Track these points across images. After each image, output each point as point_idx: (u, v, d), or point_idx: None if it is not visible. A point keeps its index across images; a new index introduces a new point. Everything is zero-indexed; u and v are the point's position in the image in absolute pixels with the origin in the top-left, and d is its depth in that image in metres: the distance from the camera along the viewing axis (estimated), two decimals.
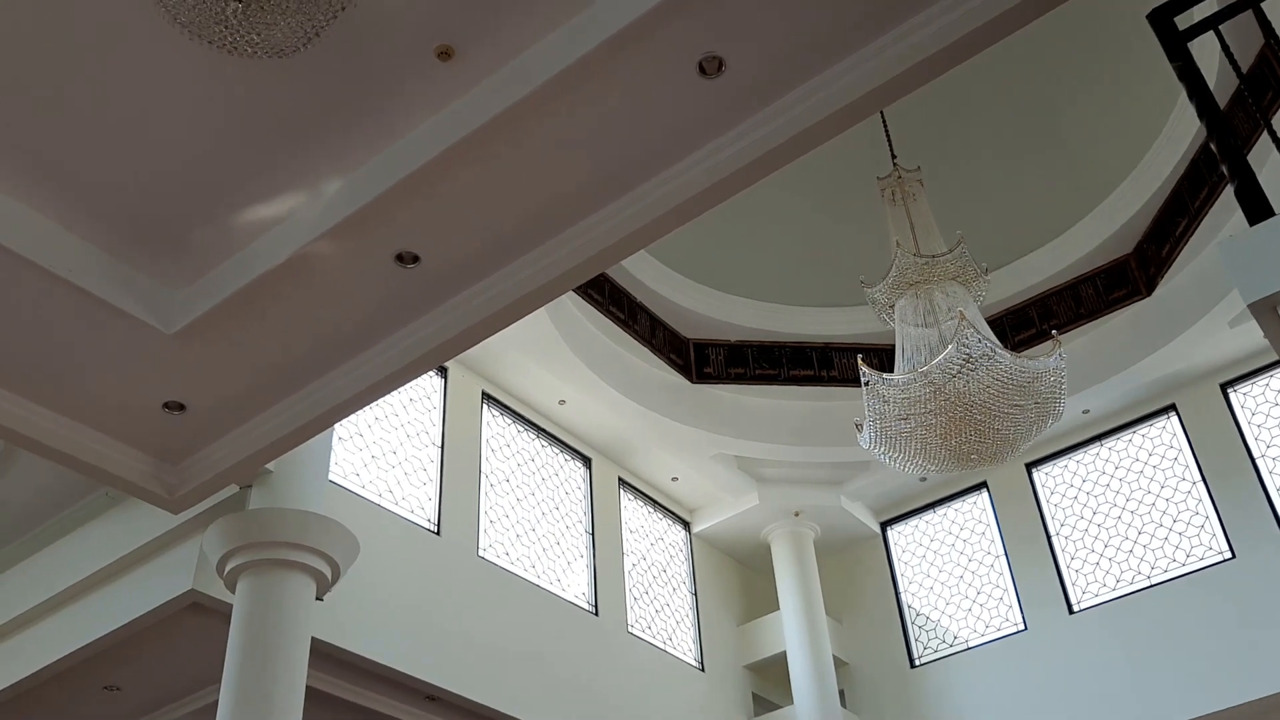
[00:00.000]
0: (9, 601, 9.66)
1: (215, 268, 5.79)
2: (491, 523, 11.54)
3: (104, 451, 6.67)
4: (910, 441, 9.06)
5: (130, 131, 5.12)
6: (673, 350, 13.71)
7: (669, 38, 4.76)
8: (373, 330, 6.18)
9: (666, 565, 14.21)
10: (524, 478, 12.41)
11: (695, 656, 13.72)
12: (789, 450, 13.98)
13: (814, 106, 5.05)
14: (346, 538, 8.22)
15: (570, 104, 5.01)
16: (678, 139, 5.26)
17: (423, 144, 5.20)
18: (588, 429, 13.25)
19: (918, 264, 9.51)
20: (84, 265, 5.54)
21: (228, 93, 5.02)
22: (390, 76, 5.02)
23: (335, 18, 3.94)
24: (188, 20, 3.90)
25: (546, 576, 11.90)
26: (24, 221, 5.32)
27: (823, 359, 14.22)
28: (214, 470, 6.90)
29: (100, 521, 9.30)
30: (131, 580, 8.87)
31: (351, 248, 5.60)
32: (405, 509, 10.51)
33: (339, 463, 9.90)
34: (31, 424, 6.34)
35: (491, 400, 12.34)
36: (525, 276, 5.85)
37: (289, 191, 5.49)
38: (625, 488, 13.97)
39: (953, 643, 14.06)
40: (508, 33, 4.86)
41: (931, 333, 9.27)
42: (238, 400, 6.53)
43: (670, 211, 5.45)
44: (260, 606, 7.71)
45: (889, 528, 15.34)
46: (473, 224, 5.60)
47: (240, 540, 7.84)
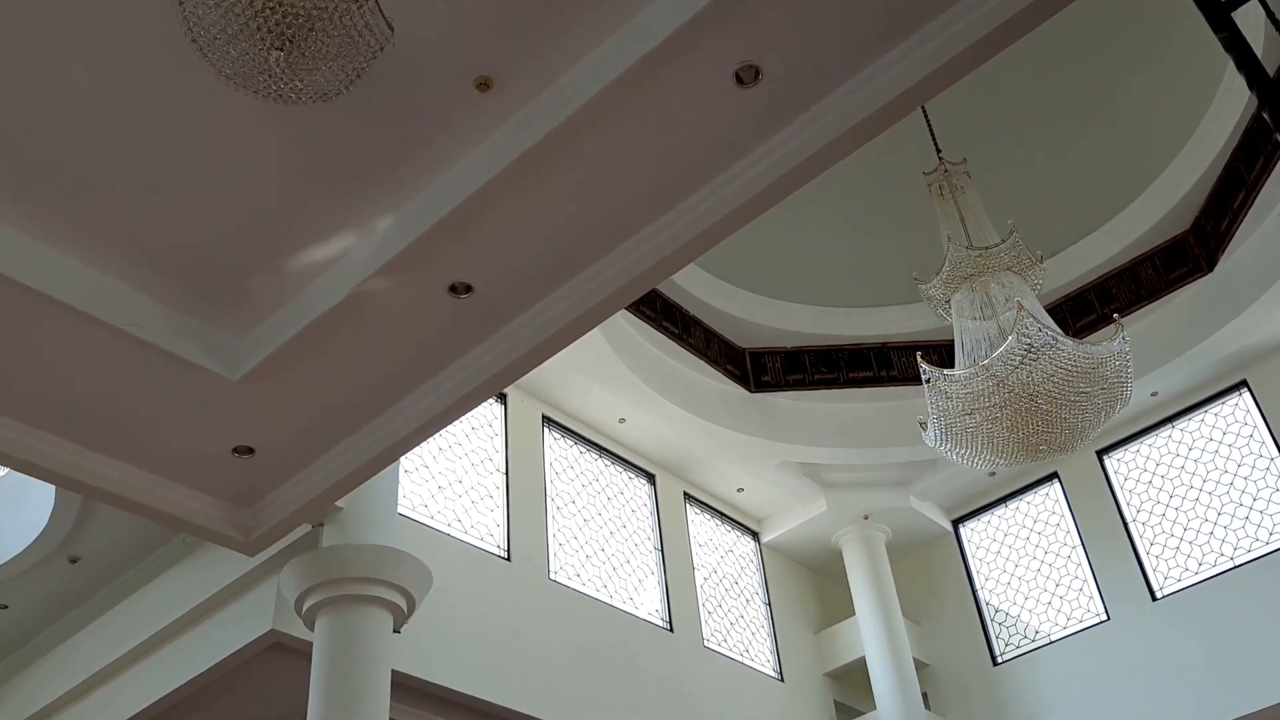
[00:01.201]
0: (97, 652, 9.87)
1: (275, 312, 5.89)
2: (560, 545, 11.57)
3: (179, 500, 6.79)
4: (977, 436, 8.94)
5: (184, 187, 5.23)
6: (729, 361, 13.69)
7: (704, 51, 4.78)
8: (431, 362, 6.25)
9: (738, 577, 14.16)
10: (589, 498, 12.44)
11: (774, 667, 13.64)
12: (854, 453, 13.88)
13: (853, 108, 5.03)
14: (419, 569, 8.29)
15: (610, 124, 5.04)
16: (720, 150, 5.27)
17: (468, 175, 5.26)
18: (649, 445, 13.25)
19: (971, 257, 9.40)
20: (150, 320, 5.67)
21: (275, 141, 5.12)
22: (432, 111, 5.09)
23: (375, 58, 4.00)
24: (232, 72, 3.98)
25: (619, 596, 11.91)
26: (90, 282, 5.46)
27: (881, 359, 14.11)
28: (286, 511, 7.00)
29: (179, 569, 9.47)
30: (213, 624, 9.02)
31: (406, 282, 5.67)
32: (475, 537, 10.58)
33: (407, 495, 10.00)
34: (108, 478, 6.48)
35: (552, 423, 12.39)
36: (578, 298, 5.88)
37: (342, 232, 5.58)
38: (691, 502, 13.95)
39: (1034, 638, 13.84)
40: (545, 59, 4.91)
41: (990, 325, 9.16)
42: (305, 440, 6.63)
43: (717, 223, 5.45)
44: (340, 642, 7.80)
45: (961, 525, 15.15)
46: (523, 250, 5.65)
47: (316, 578, 7.94)
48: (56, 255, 5.37)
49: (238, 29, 3.80)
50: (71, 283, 5.38)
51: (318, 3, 3.77)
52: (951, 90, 5.30)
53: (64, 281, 5.35)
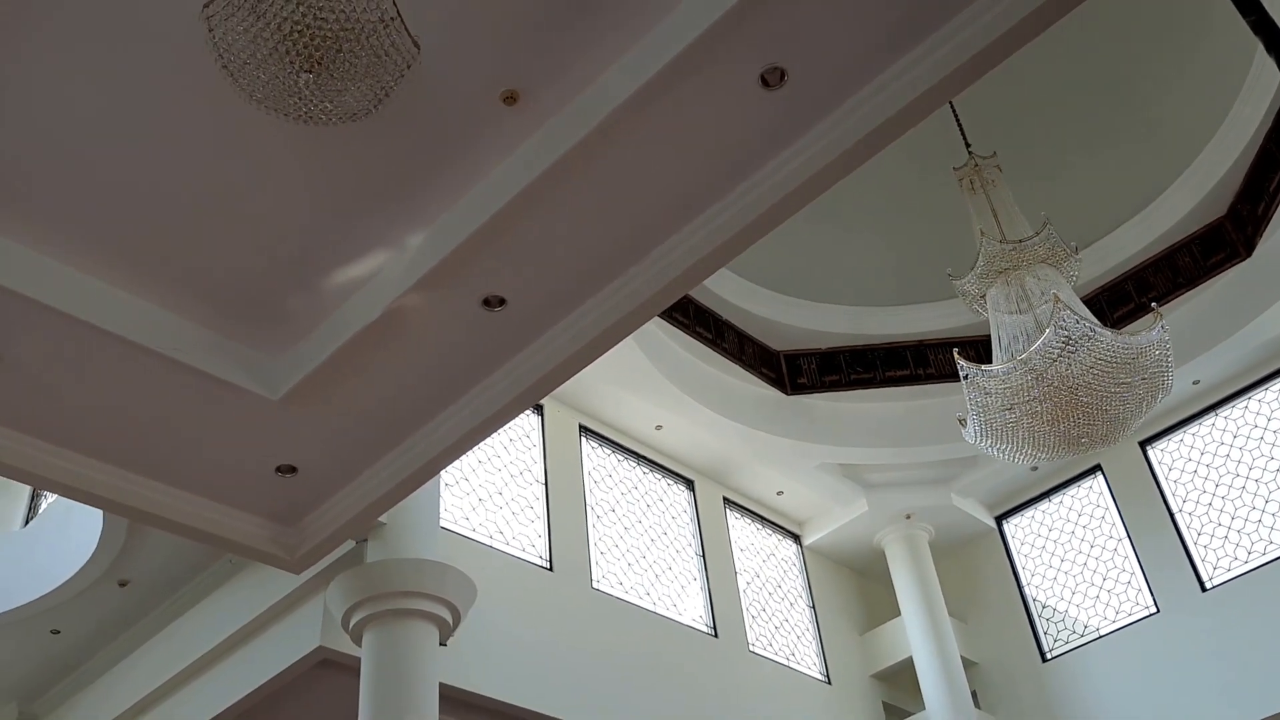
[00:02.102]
0: (149, 674, 9.99)
1: (313, 331, 5.96)
2: (602, 554, 11.59)
3: (224, 520, 6.87)
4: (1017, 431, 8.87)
5: (219, 212, 5.31)
6: (764, 364, 13.66)
7: (728, 55, 4.78)
8: (468, 375, 6.29)
9: (781, 580, 14.12)
10: (629, 506, 12.46)
11: (820, 670, 13.58)
12: (893, 453, 13.81)
13: (880, 106, 5.02)
14: (463, 582, 8.33)
15: (637, 132, 5.05)
16: (748, 154, 5.27)
17: (498, 188, 5.29)
18: (687, 452, 13.26)
19: (1005, 250, 9.33)
20: (190, 343, 5.75)
21: (307, 162, 5.18)
22: (460, 126, 5.13)
23: (402, 76, 4.04)
24: (263, 96, 4.03)
25: (662, 602, 11.91)
26: (130, 309, 5.55)
27: (918, 357, 14.03)
28: (330, 528, 7.06)
29: (227, 589, 9.57)
30: (262, 643, 9.10)
31: (439, 297, 5.71)
32: (517, 548, 10.62)
33: (448, 508, 10.05)
34: (155, 501, 6.57)
35: (589, 432, 12.42)
36: (610, 307, 5.89)
37: (375, 249, 5.63)
38: (731, 507, 13.93)
39: (1083, 632, 13.70)
40: (570, 70, 4.93)
41: (1027, 319, 9.09)
42: (346, 457, 6.69)
43: (747, 227, 5.45)
44: (387, 657, 7.85)
45: (1004, 521, 15.03)
46: (554, 261, 5.67)
47: (362, 594, 8.00)
48: (97, 284, 5.46)
49: (267, 53, 3.85)
50: (112, 310, 5.47)
51: (344, 24, 3.81)
52: (978, 84, 5.27)
53: (105, 309, 5.44)
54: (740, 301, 13.38)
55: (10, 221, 5.18)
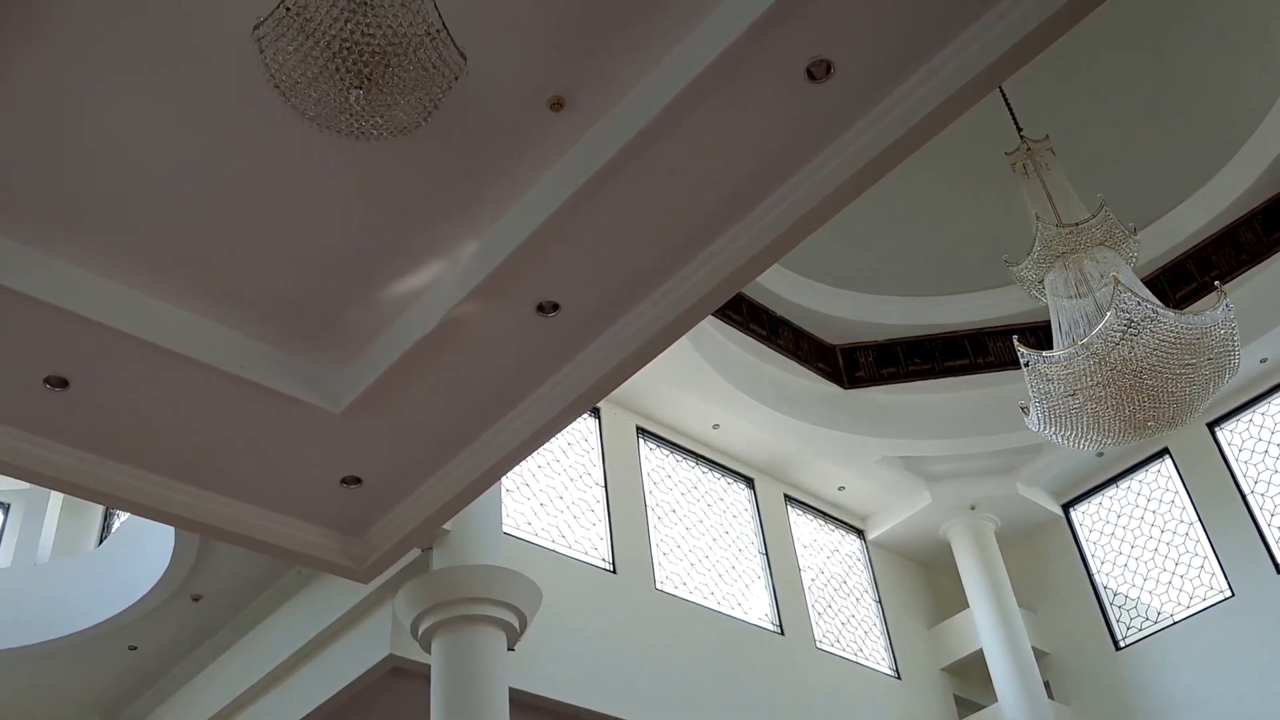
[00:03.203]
0: (224, 687, 10.17)
1: (372, 344, 6.05)
2: (664, 554, 11.60)
3: (293, 533, 6.99)
4: (1081, 417, 8.73)
5: (277, 231, 5.41)
6: (820, 359, 13.57)
7: (774, 50, 4.77)
8: (525, 382, 6.34)
9: (846, 576, 14.03)
10: (690, 506, 12.45)
11: (889, 665, 13.47)
12: (955, 444, 13.65)
13: (929, 94, 4.98)
14: (529, 587, 8.39)
15: (685, 131, 5.06)
16: (796, 148, 5.25)
17: (548, 195, 5.33)
18: (746, 450, 13.22)
19: (1061, 234, 9.19)
20: (254, 361, 5.87)
21: (360, 178, 5.25)
22: (508, 135, 5.17)
23: (450, 88, 4.08)
24: (315, 113, 4.10)
25: (727, 602, 11.88)
26: (196, 329, 5.68)
27: (977, 346, 13.86)
28: (396, 537, 7.16)
29: (297, 600, 9.71)
30: (333, 652, 9.22)
31: (494, 305, 5.77)
32: (579, 551, 10.66)
33: (510, 514, 10.11)
34: (225, 516, 6.71)
35: (646, 434, 12.43)
36: (664, 308, 5.91)
37: (430, 261, 5.69)
38: (792, 503, 13.86)
39: (1156, 619, 13.45)
40: (616, 73, 4.95)
41: (1086, 302, 8.94)
42: (409, 466, 6.77)
43: (798, 221, 5.44)
44: (457, 663, 7.92)
45: (1071, 509, 14.81)
46: (606, 264, 5.70)
47: (430, 601, 8.08)
48: (162, 306, 5.59)
49: (317, 71, 3.91)
50: (178, 331, 5.60)
51: (392, 39, 3.86)
52: (1028, 66, 5.21)
53: (171, 330, 5.57)
54: (794, 297, 13.31)
55: (78, 248, 5.31)
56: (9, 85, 4.64)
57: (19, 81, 4.64)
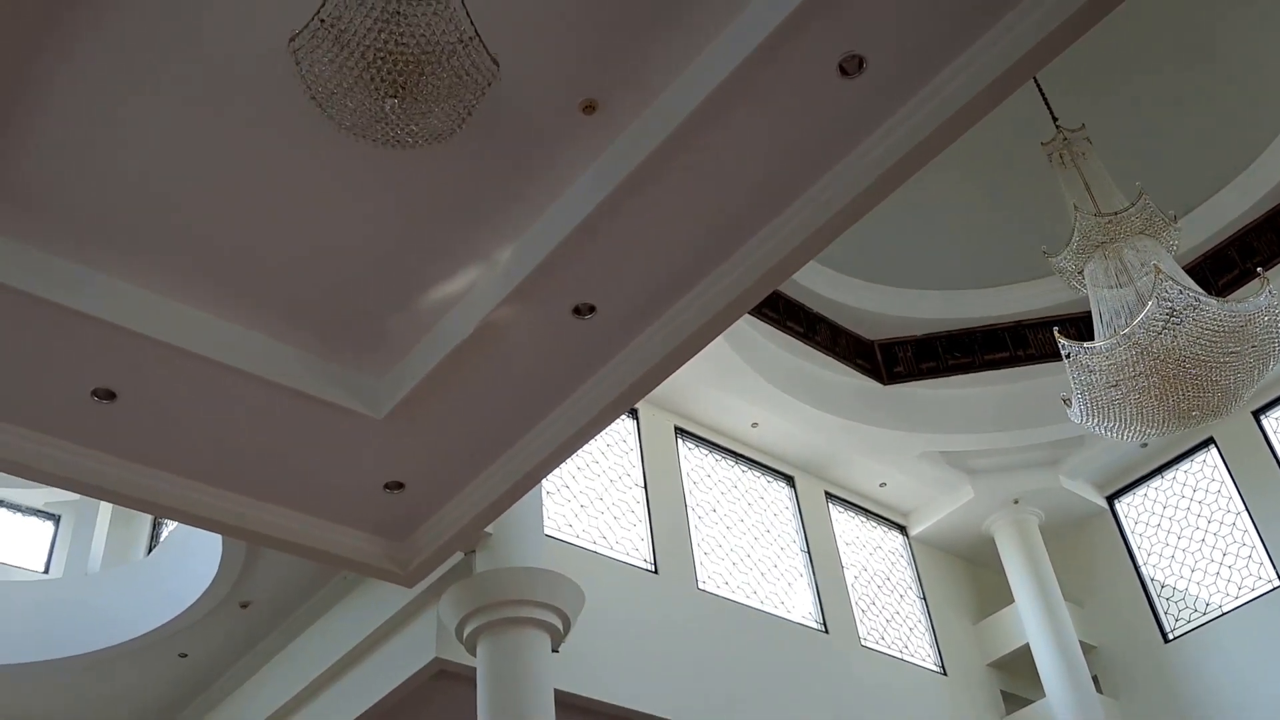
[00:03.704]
0: (274, 693, 10.28)
1: (411, 350, 6.10)
2: (706, 554, 11.59)
3: (338, 539, 7.06)
4: (1124, 408, 8.64)
5: (316, 241, 5.47)
6: (858, 355, 13.51)
7: (805, 46, 4.76)
8: (563, 384, 6.36)
9: (889, 573, 13.96)
10: (730, 505, 12.44)
11: (935, 661, 13.39)
12: (997, 437, 13.55)
13: (962, 87, 4.95)
14: (571, 588, 8.42)
15: (718, 130, 5.06)
16: (829, 144, 5.24)
17: (582, 197, 5.35)
18: (785, 448, 13.19)
19: (1100, 224, 9.10)
20: (296, 369, 5.94)
21: (396, 187, 5.30)
22: (541, 139, 5.20)
23: (483, 94, 4.11)
24: (351, 123, 4.14)
25: (770, 601, 11.86)
26: (240, 339, 5.76)
27: (1016, 338, 13.74)
28: (439, 541, 7.21)
29: (343, 605, 9.80)
30: (380, 657, 9.30)
31: (531, 309, 5.80)
32: (621, 552, 10.68)
33: (551, 516, 10.15)
34: (270, 523, 6.79)
35: (685, 434, 12.44)
36: (700, 307, 5.91)
37: (466, 266, 5.74)
38: (833, 500, 13.81)
39: (1205, 610, 13.28)
40: (648, 74, 4.97)
41: (1127, 292, 8.85)
42: (450, 471, 6.82)
43: (833, 218, 5.42)
44: (502, 666, 7.96)
45: (1116, 501, 14.65)
46: (642, 265, 5.71)
47: (474, 604, 8.13)
48: (206, 317, 5.67)
49: (352, 81, 3.95)
50: (222, 342, 5.68)
51: (425, 47, 3.90)
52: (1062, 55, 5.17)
53: (215, 341, 5.66)
54: (830, 293, 13.25)
55: (122, 263, 5.40)
56: (52, 104, 4.73)
57: (62, 100, 4.72)
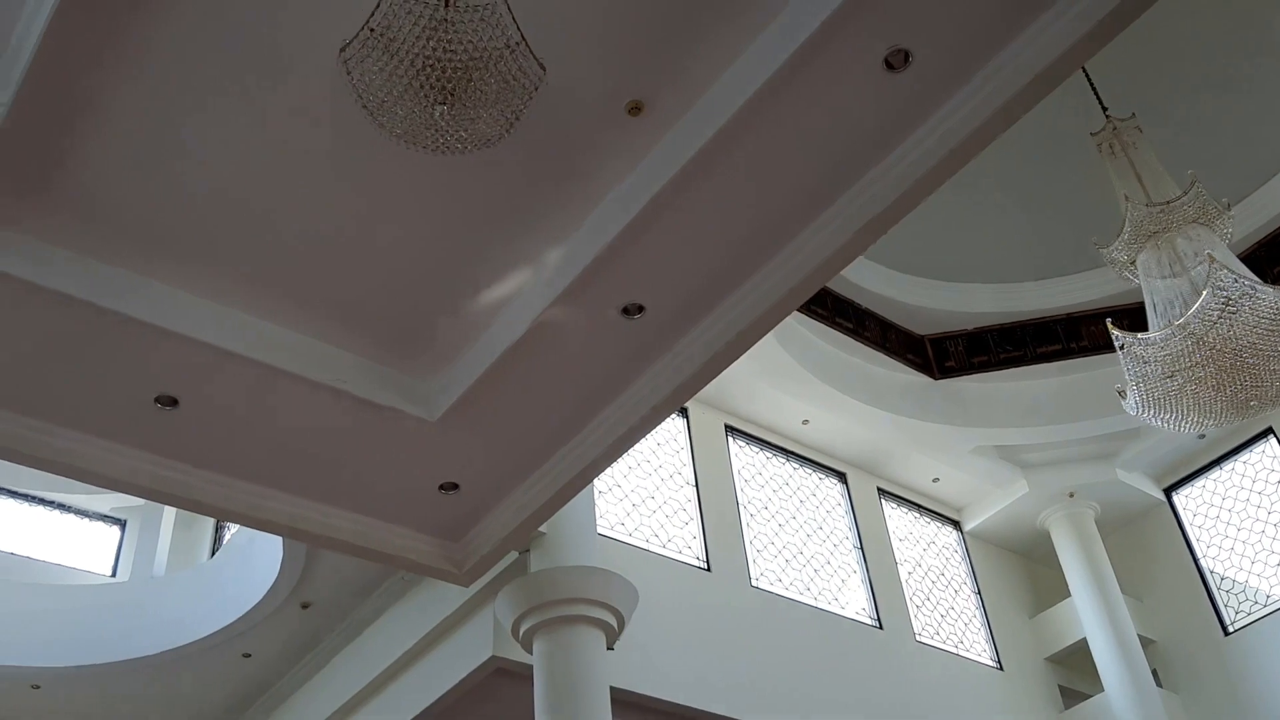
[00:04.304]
0: (335, 692, 10.44)
1: (463, 353, 6.18)
2: (759, 551, 11.60)
3: (395, 540, 7.18)
4: (1181, 399, 8.54)
5: (368, 249, 5.57)
6: (909, 350, 13.45)
7: (850, 42, 4.76)
8: (613, 384, 6.41)
9: (943, 568, 13.88)
10: (782, 502, 12.44)
11: (991, 656, 13.29)
12: (1050, 431, 13.43)
13: (1009, 79, 4.92)
14: (626, 587, 8.47)
15: (764, 127, 5.07)
16: (876, 139, 5.24)
17: (629, 198, 5.40)
18: (837, 444, 13.16)
19: (1152, 213, 9.00)
20: (353, 374, 6.05)
21: (444, 191, 5.38)
22: (588, 141, 5.25)
23: (530, 99, 4.17)
24: (402, 131, 4.22)
25: (823, 597, 11.85)
26: (297, 345, 5.88)
27: (1069, 330, 13.61)
28: (493, 540, 7.30)
29: (401, 605, 9.93)
30: (438, 655, 9.41)
31: (580, 310, 5.85)
32: (673, 550, 10.72)
33: (603, 515, 10.22)
34: (329, 525, 6.91)
35: (735, 432, 12.45)
36: (748, 305, 5.93)
37: (516, 268, 5.81)
38: (886, 497, 13.76)
39: (1265, 602, 13.06)
40: (693, 74, 5.00)
41: (1181, 282, 8.74)
42: (504, 471, 6.90)
43: (881, 213, 5.42)
44: (558, 663, 8.03)
45: (1174, 493, 14.45)
46: (689, 265, 5.74)
47: (529, 603, 8.21)
48: (263, 324, 5.80)
49: (402, 89, 4.03)
50: (280, 348, 5.81)
51: (473, 54, 3.96)
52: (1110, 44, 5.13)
53: (273, 348, 5.78)
54: (879, 288, 13.21)
55: (182, 272, 5.54)
56: (112, 121, 4.86)
57: (121, 116, 4.85)
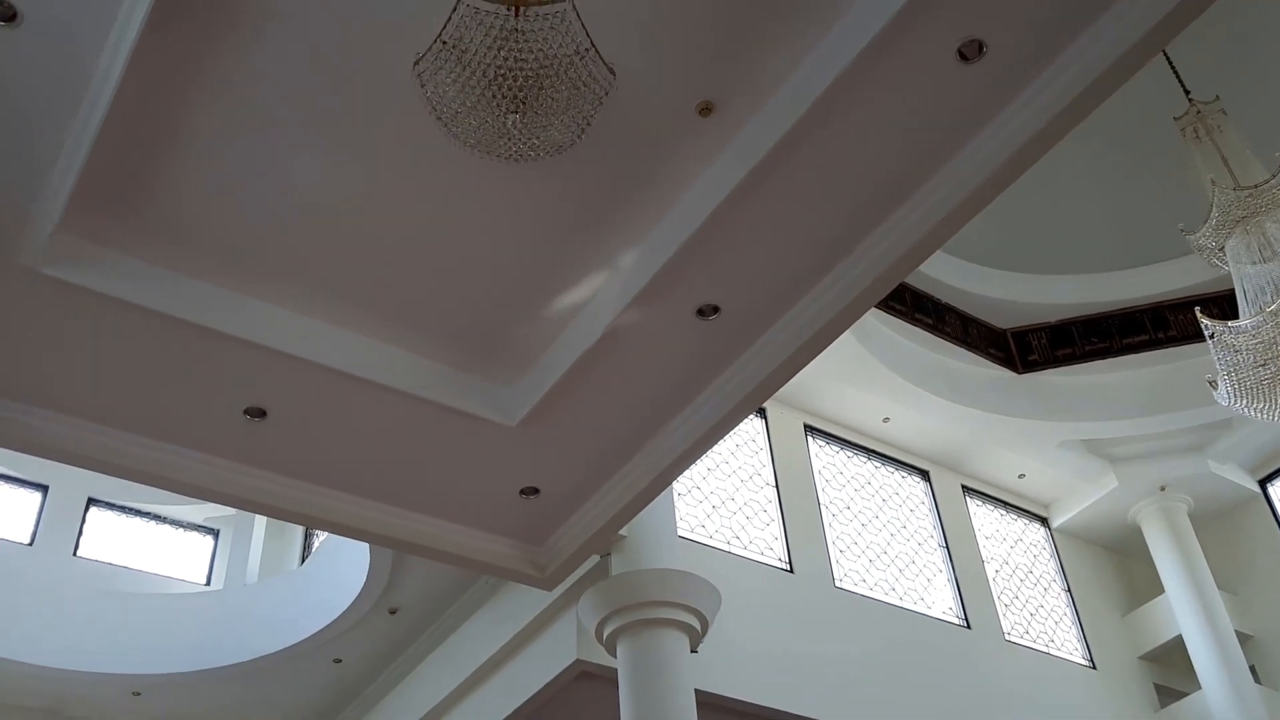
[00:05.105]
0: (423, 696, 10.59)
1: (541, 358, 6.24)
2: (841, 552, 11.51)
3: (478, 544, 7.27)
4: (1275, 388, 8.31)
5: (446, 259, 5.65)
6: (991, 344, 13.26)
7: (922, 34, 4.71)
8: (690, 386, 6.42)
9: (1032, 566, 13.64)
10: (864, 502, 12.33)
11: (1083, 655, 13.03)
12: (1140, 423, 13.13)
13: (1086, 66, 4.81)
14: (708, 589, 8.47)
15: (836, 123, 5.03)
16: (951, 131, 5.17)
17: (702, 199, 5.39)
18: (918, 442, 13.01)
19: (1240, 198, 8.77)
20: (433, 382, 6.14)
21: (519, 199, 5.43)
22: (659, 143, 5.26)
23: (601, 104, 4.20)
24: (476, 141, 4.28)
25: (909, 597, 11.71)
26: (379, 355, 5.99)
27: (1156, 320, 13.30)
28: (575, 544, 7.35)
29: (486, 609, 10.04)
30: (523, 659, 9.50)
31: (655, 312, 5.86)
32: (755, 552, 10.69)
33: (683, 517, 10.22)
34: (414, 531, 7.03)
35: (814, 431, 12.37)
36: (825, 303, 5.89)
37: (590, 273, 5.84)
38: (970, 494, 13.56)
39: None
40: (763, 72, 4.98)
41: (1272, 267, 8.51)
42: (583, 474, 6.95)
43: (958, 206, 5.34)
44: (642, 666, 8.05)
45: (1270, 484, 14.04)
46: (764, 264, 5.72)
47: (612, 606, 8.24)
48: (347, 335, 5.91)
49: (475, 100, 4.08)
50: (363, 358, 5.92)
51: (543, 61, 4.00)
52: (1190, 26, 5.00)
53: (356, 358, 5.89)
54: (959, 282, 13.04)
55: (268, 287, 5.67)
56: (197, 145, 4.99)
57: (206, 140, 4.98)
